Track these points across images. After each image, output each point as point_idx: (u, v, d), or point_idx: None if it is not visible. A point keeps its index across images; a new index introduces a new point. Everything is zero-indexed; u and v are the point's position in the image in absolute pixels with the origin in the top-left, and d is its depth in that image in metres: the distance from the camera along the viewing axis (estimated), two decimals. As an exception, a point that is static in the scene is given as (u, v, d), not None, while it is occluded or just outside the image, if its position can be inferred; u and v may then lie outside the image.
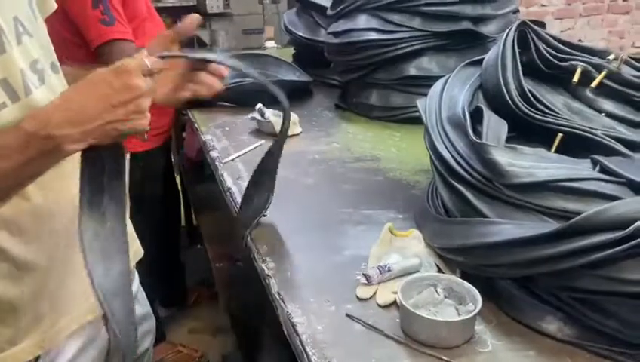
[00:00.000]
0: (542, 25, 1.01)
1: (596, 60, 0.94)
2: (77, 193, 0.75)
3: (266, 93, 0.83)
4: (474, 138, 0.80)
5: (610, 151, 0.82)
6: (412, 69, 1.47)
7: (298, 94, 1.75)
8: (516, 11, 1.61)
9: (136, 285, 0.99)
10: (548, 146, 0.87)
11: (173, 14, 3.86)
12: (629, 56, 0.95)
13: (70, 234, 0.78)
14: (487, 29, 1.48)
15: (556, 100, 0.93)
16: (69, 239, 0.78)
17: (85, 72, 0.68)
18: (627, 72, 0.94)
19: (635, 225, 0.61)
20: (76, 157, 0.68)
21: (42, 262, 0.74)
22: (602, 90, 0.93)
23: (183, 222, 2.47)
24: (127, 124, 0.66)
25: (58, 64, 0.80)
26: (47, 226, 0.75)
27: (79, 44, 1.58)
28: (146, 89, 0.66)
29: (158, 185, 1.96)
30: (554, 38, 0.98)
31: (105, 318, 0.76)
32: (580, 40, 3.83)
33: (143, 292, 1.02)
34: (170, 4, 3.81)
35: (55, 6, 0.85)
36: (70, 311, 0.80)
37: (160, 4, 3.65)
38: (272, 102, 1.49)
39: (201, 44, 3.81)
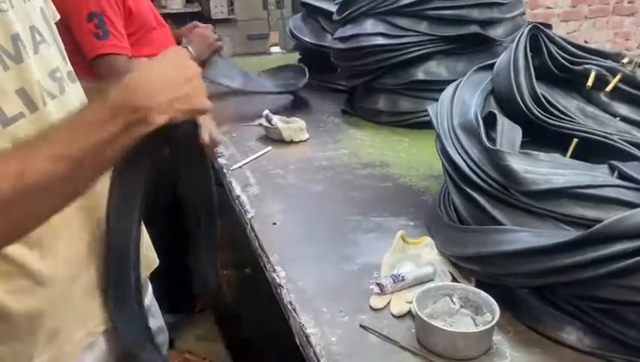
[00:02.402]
0: (548, 27, 1.00)
1: (610, 64, 0.93)
2: (97, 211, 0.77)
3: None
4: (488, 144, 0.79)
5: (627, 156, 0.81)
6: (420, 74, 1.46)
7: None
8: (523, 14, 1.60)
9: (149, 297, 0.98)
10: (562, 151, 0.86)
11: (178, 20, 3.87)
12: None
13: (89, 249, 0.78)
14: (496, 32, 1.47)
15: (570, 105, 0.92)
16: (87, 254, 0.78)
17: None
18: (642, 75, 0.92)
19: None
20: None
21: (60, 277, 0.73)
22: (617, 94, 0.91)
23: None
24: (193, 99, 0.67)
25: (74, 73, 0.79)
26: (67, 242, 0.74)
27: (74, 51, 1.58)
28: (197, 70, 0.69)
29: (167, 192, 1.95)
30: (566, 41, 0.97)
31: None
32: (585, 41, 3.83)
33: (157, 305, 1.01)
34: (175, 11, 3.82)
35: (58, 16, 0.85)
36: (86, 323, 0.79)
37: (165, 11, 3.65)
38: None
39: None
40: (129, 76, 0.64)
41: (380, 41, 1.46)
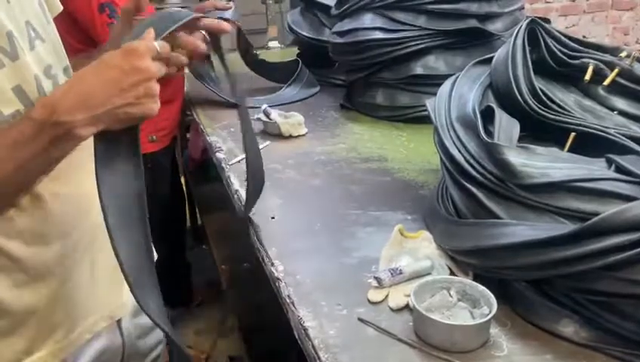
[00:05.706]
0: (547, 21, 1.00)
1: (608, 58, 0.93)
2: (94, 206, 0.73)
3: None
4: (486, 138, 0.79)
5: (624, 150, 0.81)
6: (418, 68, 1.46)
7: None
8: (522, 8, 1.60)
9: None
10: (560, 145, 0.86)
11: (175, 15, 3.86)
12: (641, 53, 0.94)
13: (85, 243, 0.78)
14: (494, 26, 1.47)
15: (568, 98, 0.92)
16: (85, 249, 0.78)
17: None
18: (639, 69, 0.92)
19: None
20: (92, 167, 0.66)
21: (57, 271, 0.73)
22: (614, 88, 0.91)
23: (188, 223, 2.46)
24: (138, 107, 0.64)
25: (70, 68, 0.79)
26: (63, 236, 0.74)
27: (83, 51, 1.58)
28: (155, 72, 0.64)
29: (164, 185, 1.96)
30: (564, 35, 0.97)
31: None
32: (584, 36, 3.82)
33: None
34: (174, 5, 3.80)
35: (61, 8, 0.84)
36: (85, 320, 0.79)
37: (163, 6, 3.64)
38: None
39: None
40: (57, 88, 0.63)
41: (379, 35, 1.46)
